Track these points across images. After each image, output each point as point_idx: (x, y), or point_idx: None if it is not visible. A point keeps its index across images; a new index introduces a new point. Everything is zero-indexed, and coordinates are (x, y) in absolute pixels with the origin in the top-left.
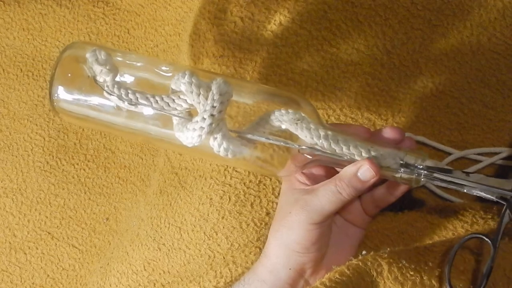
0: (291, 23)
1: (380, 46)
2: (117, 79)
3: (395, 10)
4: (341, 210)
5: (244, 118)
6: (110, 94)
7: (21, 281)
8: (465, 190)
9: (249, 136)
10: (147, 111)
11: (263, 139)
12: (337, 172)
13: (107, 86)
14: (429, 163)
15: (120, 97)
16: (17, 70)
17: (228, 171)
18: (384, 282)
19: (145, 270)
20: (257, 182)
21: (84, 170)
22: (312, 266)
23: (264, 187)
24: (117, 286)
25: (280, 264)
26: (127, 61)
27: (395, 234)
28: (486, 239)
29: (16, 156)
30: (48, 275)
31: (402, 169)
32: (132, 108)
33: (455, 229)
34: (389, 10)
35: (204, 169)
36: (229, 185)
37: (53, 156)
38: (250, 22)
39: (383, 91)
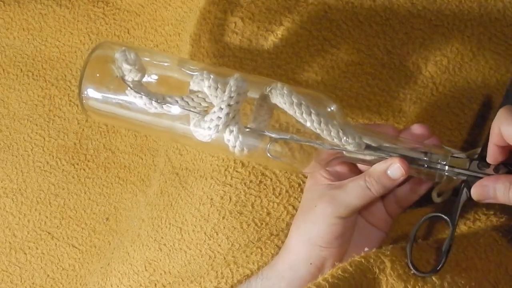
0: (292, 23)
1: (381, 46)
2: (145, 79)
3: (395, 10)
4: (363, 211)
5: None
6: (137, 94)
7: (21, 281)
8: None
9: (270, 134)
10: (170, 110)
11: (285, 138)
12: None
13: (134, 86)
14: (452, 158)
15: (146, 98)
16: (17, 70)
17: (229, 171)
18: (387, 279)
19: (146, 270)
20: (258, 182)
21: (84, 170)
22: (332, 263)
23: (265, 187)
24: (118, 286)
25: (300, 260)
26: (154, 61)
27: (397, 235)
28: (445, 217)
29: (16, 156)
30: (48, 275)
31: (426, 165)
32: (157, 108)
33: (457, 226)
34: (389, 10)
35: (204, 169)
36: (230, 185)
37: (53, 156)
38: (250, 22)
39: (384, 91)
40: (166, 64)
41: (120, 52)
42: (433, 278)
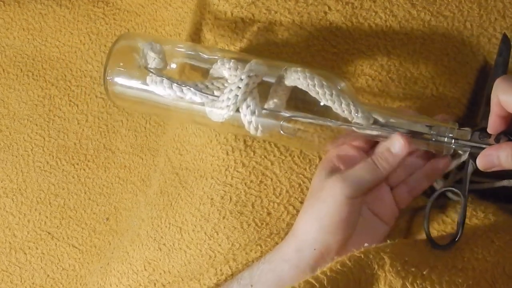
0: (292, 23)
1: (381, 46)
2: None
3: (395, 10)
4: (372, 200)
5: None
6: (159, 80)
7: (21, 281)
8: None
9: (284, 112)
10: (190, 94)
11: (299, 116)
12: None
13: (157, 74)
14: (458, 131)
15: (167, 83)
16: (17, 70)
17: (229, 171)
18: (385, 275)
19: (145, 270)
20: (258, 182)
21: (84, 170)
22: (336, 249)
23: (265, 187)
24: (117, 286)
25: (307, 243)
26: (176, 49)
27: (394, 230)
28: (456, 190)
29: (16, 156)
30: (48, 275)
31: (433, 139)
32: (177, 93)
33: (453, 223)
34: (389, 10)
35: (205, 169)
36: (230, 185)
37: (53, 156)
38: (251, 23)
39: (383, 92)
40: (187, 52)
41: (145, 43)
42: (432, 276)
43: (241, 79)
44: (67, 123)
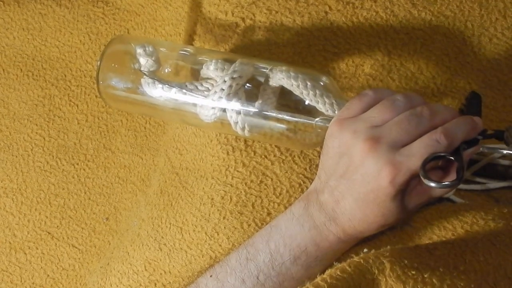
0: (293, 23)
1: (382, 46)
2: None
3: (396, 10)
4: None
5: None
6: (151, 81)
7: (21, 281)
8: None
9: (270, 112)
10: (180, 95)
11: (285, 115)
12: None
13: (149, 75)
14: None
15: (159, 84)
16: (17, 70)
17: (230, 171)
18: (386, 280)
19: (146, 270)
20: (259, 182)
21: (84, 170)
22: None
23: (266, 187)
24: (117, 286)
25: None
26: (170, 51)
27: (393, 233)
28: (449, 157)
29: (16, 156)
30: (48, 275)
31: None
32: (169, 94)
33: (454, 230)
34: (390, 10)
35: (205, 169)
36: (231, 185)
37: (53, 156)
38: (251, 23)
39: None
40: (180, 53)
41: (139, 45)
42: (433, 280)
43: (225, 81)
44: (67, 123)
